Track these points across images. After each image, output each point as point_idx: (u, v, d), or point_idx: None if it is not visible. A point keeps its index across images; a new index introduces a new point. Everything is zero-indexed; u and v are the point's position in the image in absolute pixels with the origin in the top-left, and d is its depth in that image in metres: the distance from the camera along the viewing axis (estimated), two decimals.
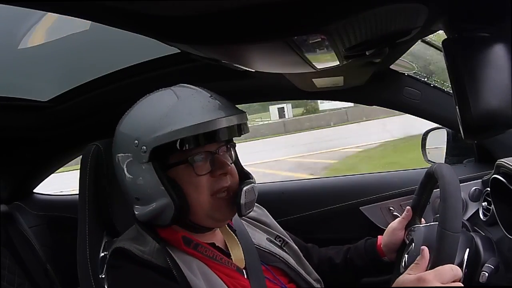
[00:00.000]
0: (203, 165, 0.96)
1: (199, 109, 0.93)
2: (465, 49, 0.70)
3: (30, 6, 0.82)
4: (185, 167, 0.96)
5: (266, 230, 1.20)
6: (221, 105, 0.96)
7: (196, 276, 0.95)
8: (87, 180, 1.15)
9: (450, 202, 0.93)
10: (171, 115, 0.92)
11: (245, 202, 0.97)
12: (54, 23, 1.52)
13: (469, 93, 0.68)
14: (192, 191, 0.95)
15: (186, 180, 0.96)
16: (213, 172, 0.97)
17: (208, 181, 0.96)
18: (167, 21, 0.69)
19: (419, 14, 0.76)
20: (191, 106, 0.94)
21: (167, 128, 0.91)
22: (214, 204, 0.97)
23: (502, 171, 1.21)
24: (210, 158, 0.97)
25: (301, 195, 1.85)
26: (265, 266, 1.08)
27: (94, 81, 1.61)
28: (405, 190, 1.66)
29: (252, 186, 0.99)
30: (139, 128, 0.95)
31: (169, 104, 0.94)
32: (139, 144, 0.94)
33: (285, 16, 0.64)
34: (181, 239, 0.99)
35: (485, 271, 1.03)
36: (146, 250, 0.96)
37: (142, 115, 0.97)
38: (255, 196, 1.01)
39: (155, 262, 0.95)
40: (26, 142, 1.86)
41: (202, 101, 0.95)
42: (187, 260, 0.97)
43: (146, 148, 0.93)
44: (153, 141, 0.92)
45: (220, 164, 0.97)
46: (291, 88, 1.53)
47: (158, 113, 0.94)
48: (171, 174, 0.96)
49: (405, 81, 1.59)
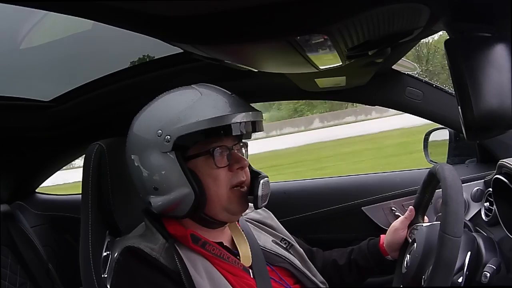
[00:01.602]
0: (221, 159, 0.99)
1: (221, 104, 0.97)
2: (466, 49, 0.70)
3: (31, 5, 0.82)
4: (205, 159, 0.98)
5: (272, 232, 1.20)
6: (240, 102, 1.00)
7: (201, 275, 0.96)
8: (90, 179, 1.15)
9: (452, 206, 0.93)
10: (196, 107, 0.96)
11: (262, 194, 1.01)
12: (56, 23, 1.52)
13: (471, 93, 0.68)
14: (211, 182, 0.98)
15: (205, 172, 0.98)
16: (230, 166, 1.00)
17: (226, 174, 0.99)
18: (170, 21, 0.69)
19: (421, 14, 0.76)
20: (215, 100, 0.98)
21: (191, 119, 0.94)
22: (231, 197, 1.00)
23: (504, 171, 1.21)
24: (227, 153, 1.00)
25: (303, 195, 1.85)
26: (271, 267, 1.08)
27: (96, 80, 1.61)
28: (407, 190, 1.66)
29: (267, 180, 1.03)
30: (162, 119, 0.97)
31: (194, 98, 0.98)
32: (162, 133, 0.96)
33: (288, 16, 0.65)
34: (189, 236, 1.00)
35: (487, 272, 1.03)
36: (156, 247, 0.98)
37: (165, 107, 1.00)
38: (269, 190, 1.04)
39: (163, 262, 0.96)
40: (28, 142, 1.86)
41: (224, 97, 1.00)
42: (192, 258, 0.98)
43: (170, 138, 0.95)
44: (177, 131, 0.95)
45: (238, 159, 1.01)
46: (293, 88, 1.54)
47: (183, 105, 0.97)
48: (191, 165, 0.98)
49: (407, 81, 1.59)
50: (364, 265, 1.23)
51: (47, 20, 1.48)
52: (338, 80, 1.36)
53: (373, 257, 1.22)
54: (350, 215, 1.72)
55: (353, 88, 1.56)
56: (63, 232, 2.04)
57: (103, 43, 1.49)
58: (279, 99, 2.14)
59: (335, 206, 1.74)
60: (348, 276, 1.25)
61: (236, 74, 1.26)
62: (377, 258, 1.22)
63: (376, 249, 1.23)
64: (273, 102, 9.42)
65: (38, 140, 1.85)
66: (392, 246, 1.20)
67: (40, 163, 2.01)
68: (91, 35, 1.42)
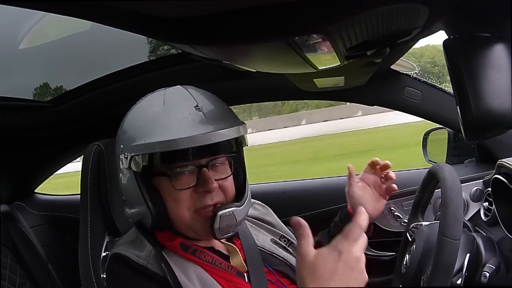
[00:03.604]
0: (185, 179, 0.91)
1: (176, 122, 0.87)
2: (465, 49, 0.70)
3: (30, 6, 0.82)
4: (165, 179, 0.92)
5: (271, 230, 1.17)
6: (204, 118, 0.88)
7: (192, 282, 0.93)
8: (88, 179, 1.15)
9: (451, 208, 0.93)
10: (149, 125, 0.89)
11: (219, 227, 0.90)
12: (55, 24, 1.52)
13: (469, 93, 0.68)
14: (171, 204, 0.92)
15: (166, 192, 0.92)
16: (196, 188, 0.92)
17: (191, 196, 0.92)
18: (168, 21, 0.69)
19: (420, 14, 0.76)
20: (170, 117, 0.89)
21: (142, 139, 0.89)
22: (196, 219, 0.93)
23: (503, 171, 1.21)
24: (197, 172, 0.91)
25: (302, 195, 1.85)
26: (269, 268, 1.07)
27: (96, 81, 1.61)
28: (406, 190, 1.66)
29: (231, 210, 0.92)
30: (124, 134, 0.94)
31: (153, 111, 0.91)
32: (123, 149, 0.93)
33: (286, 16, 0.64)
34: (179, 245, 0.97)
35: (486, 272, 1.03)
36: (142, 254, 0.95)
37: (130, 120, 0.96)
38: (236, 221, 0.92)
39: (150, 269, 0.93)
40: (27, 142, 1.86)
41: (183, 112, 0.89)
42: (184, 266, 0.95)
43: (127, 155, 0.92)
44: (132, 150, 0.90)
45: (203, 181, 0.91)
46: (292, 88, 1.53)
47: (140, 120, 0.92)
48: (155, 182, 0.93)
49: (406, 81, 1.59)
50: None
51: (46, 21, 1.48)
52: (337, 80, 1.36)
53: (346, 224, 1.21)
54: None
55: (352, 88, 1.56)
56: (62, 232, 2.04)
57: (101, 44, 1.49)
58: (278, 99, 2.13)
59: (334, 206, 1.74)
60: None
61: (234, 74, 1.26)
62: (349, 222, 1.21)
63: (346, 215, 1.22)
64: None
65: (38, 140, 1.85)
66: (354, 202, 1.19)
67: (40, 163, 2.01)
68: (89, 36, 1.42)
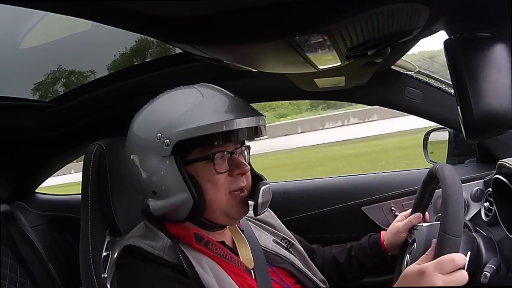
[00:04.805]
0: (222, 164, 0.97)
1: (223, 107, 0.95)
2: (466, 49, 0.70)
3: (30, 6, 0.82)
4: (205, 163, 0.96)
5: (272, 231, 1.20)
6: (243, 106, 0.98)
7: (207, 273, 0.95)
8: (89, 179, 1.15)
9: (452, 206, 0.93)
10: (196, 111, 0.94)
11: (262, 202, 1.00)
12: (55, 23, 1.52)
13: (470, 93, 0.68)
14: (210, 188, 0.96)
15: (205, 177, 0.96)
16: (231, 172, 0.98)
17: (226, 179, 0.98)
18: (170, 21, 0.69)
19: (420, 14, 0.76)
20: (216, 104, 0.96)
21: (192, 123, 0.92)
22: (231, 202, 0.98)
23: (503, 171, 1.21)
24: (228, 157, 0.98)
25: (303, 195, 1.85)
26: (272, 268, 1.08)
27: (96, 81, 1.62)
28: (407, 190, 1.66)
29: (268, 186, 1.02)
30: (162, 121, 0.95)
31: (194, 100, 0.96)
32: (161, 137, 0.94)
33: (287, 16, 0.64)
34: (193, 235, 0.99)
35: (487, 272, 1.02)
36: (157, 245, 0.96)
37: (166, 109, 0.97)
38: (270, 196, 1.03)
39: (166, 259, 0.95)
40: (28, 142, 1.86)
41: (226, 101, 0.97)
42: (198, 257, 0.97)
43: (169, 142, 0.93)
44: (177, 135, 0.92)
45: (239, 164, 0.99)
46: (293, 88, 1.53)
47: (183, 108, 0.94)
48: (190, 169, 0.96)
49: (407, 81, 1.59)
50: (366, 261, 1.23)
51: (47, 21, 1.48)
52: (338, 80, 1.36)
53: (374, 253, 1.23)
54: (350, 215, 1.72)
55: (352, 88, 1.56)
56: (63, 232, 2.04)
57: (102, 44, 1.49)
58: (278, 99, 2.13)
59: (335, 206, 1.74)
60: (349, 273, 1.25)
61: (235, 74, 1.26)
62: (378, 255, 1.22)
63: (378, 245, 1.23)
64: None
65: (38, 140, 1.85)
66: (393, 246, 1.21)
67: (40, 163, 2.01)
68: (90, 35, 1.42)
